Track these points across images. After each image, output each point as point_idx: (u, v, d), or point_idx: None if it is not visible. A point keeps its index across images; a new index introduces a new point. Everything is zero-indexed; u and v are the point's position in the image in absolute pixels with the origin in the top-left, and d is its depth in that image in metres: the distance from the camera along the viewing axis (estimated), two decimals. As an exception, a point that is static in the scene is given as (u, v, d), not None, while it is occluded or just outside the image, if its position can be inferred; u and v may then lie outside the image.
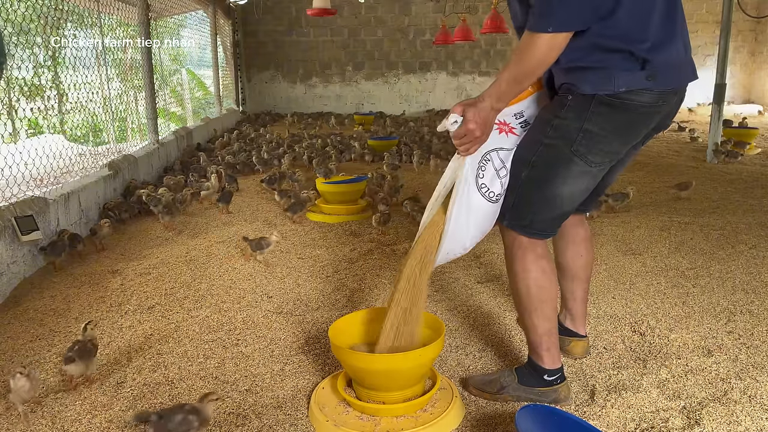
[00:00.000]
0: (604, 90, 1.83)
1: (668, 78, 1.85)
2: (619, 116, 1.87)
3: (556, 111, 1.93)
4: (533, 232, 2.01)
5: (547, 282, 2.04)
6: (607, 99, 1.84)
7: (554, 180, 1.93)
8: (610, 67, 1.82)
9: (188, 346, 2.59)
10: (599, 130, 1.88)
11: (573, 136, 1.89)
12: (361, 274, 3.44)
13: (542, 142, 1.93)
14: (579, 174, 1.93)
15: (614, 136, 1.91)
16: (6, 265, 3.26)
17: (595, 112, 1.86)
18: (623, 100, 1.84)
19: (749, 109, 12.62)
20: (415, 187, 5.74)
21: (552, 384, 2.10)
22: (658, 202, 5.03)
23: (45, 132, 6.62)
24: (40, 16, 4.63)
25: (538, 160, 1.94)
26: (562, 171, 1.92)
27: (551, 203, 1.97)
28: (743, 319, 2.75)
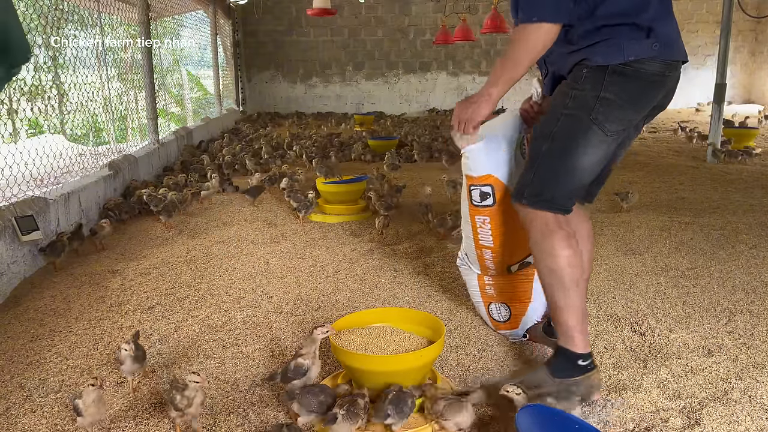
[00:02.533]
0: (615, 60, 1.98)
1: (671, 49, 2.00)
2: (631, 84, 2.00)
3: (574, 84, 2.05)
4: (556, 206, 2.05)
5: (579, 261, 2.05)
6: (620, 68, 1.98)
7: (575, 150, 2.01)
8: (619, 39, 1.97)
9: (188, 346, 2.59)
10: (615, 98, 1.99)
11: (591, 104, 1.99)
12: (361, 274, 3.44)
13: (562, 113, 2.04)
14: (597, 143, 2.01)
15: (628, 104, 2.02)
16: (6, 265, 3.26)
17: (610, 81, 1.99)
18: (635, 69, 1.98)
19: (749, 109, 12.61)
20: (416, 186, 5.74)
21: (587, 369, 2.05)
22: (658, 202, 5.03)
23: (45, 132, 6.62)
24: (41, 16, 4.63)
25: (559, 131, 2.03)
26: (581, 140, 2.01)
27: (571, 175, 2.04)
28: (743, 319, 2.75)
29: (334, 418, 1.81)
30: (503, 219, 2.40)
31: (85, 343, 2.64)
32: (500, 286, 2.59)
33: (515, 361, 2.43)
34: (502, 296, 2.59)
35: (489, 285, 2.62)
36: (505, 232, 2.42)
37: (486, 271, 2.59)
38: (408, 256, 3.75)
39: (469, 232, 2.53)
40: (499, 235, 2.43)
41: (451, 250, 3.79)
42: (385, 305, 2.99)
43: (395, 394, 1.89)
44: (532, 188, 2.06)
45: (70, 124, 5.68)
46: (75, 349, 2.59)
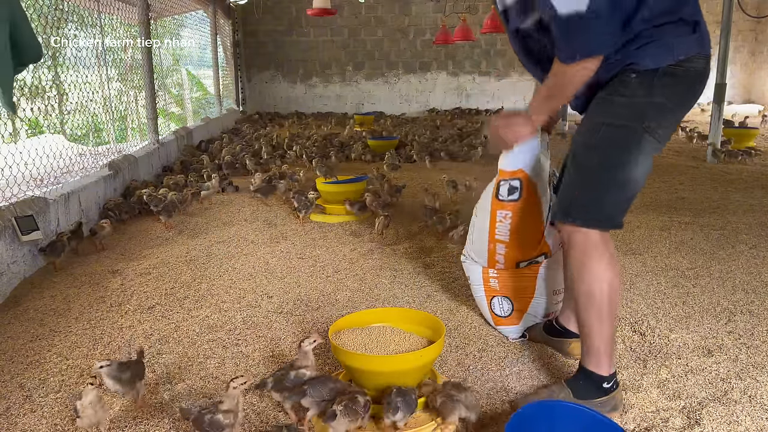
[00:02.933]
0: (666, 61, 1.85)
1: (708, 41, 1.91)
2: (681, 85, 1.89)
3: (621, 90, 1.91)
4: (608, 223, 1.94)
5: (619, 284, 1.98)
6: (670, 69, 1.86)
7: (628, 162, 1.88)
8: (667, 38, 1.85)
9: (188, 346, 2.59)
10: (667, 102, 1.88)
11: (643, 111, 1.87)
12: (361, 274, 3.44)
13: (611, 124, 1.91)
14: (649, 151, 1.90)
15: (679, 107, 1.93)
16: (6, 265, 3.26)
17: (661, 83, 1.87)
18: (685, 68, 1.87)
19: (749, 108, 12.62)
20: (416, 186, 5.75)
21: (610, 391, 2.00)
22: (658, 202, 5.03)
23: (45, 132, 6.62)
24: (41, 15, 4.63)
25: (610, 143, 1.90)
26: (635, 151, 1.88)
27: (623, 187, 1.91)
28: (743, 319, 2.75)
29: (333, 415, 1.80)
30: (523, 215, 2.44)
31: (85, 343, 2.64)
32: (504, 279, 2.60)
33: (515, 361, 2.43)
34: (505, 290, 2.60)
35: (493, 278, 2.62)
36: (522, 228, 2.46)
37: (494, 265, 2.59)
38: (408, 256, 3.75)
39: (485, 225, 2.53)
40: (516, 230, 2.47)
41: (450, 250, 3.79)
42: (385, 305, 2.99)
43: (398, 389, 1.89)
44: (581, 206, 1.94)
45: (70, 124, 5.68)
46: (75, 349, 2.59)
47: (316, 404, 1.92)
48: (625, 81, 1.90)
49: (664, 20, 1.83)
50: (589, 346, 2.02)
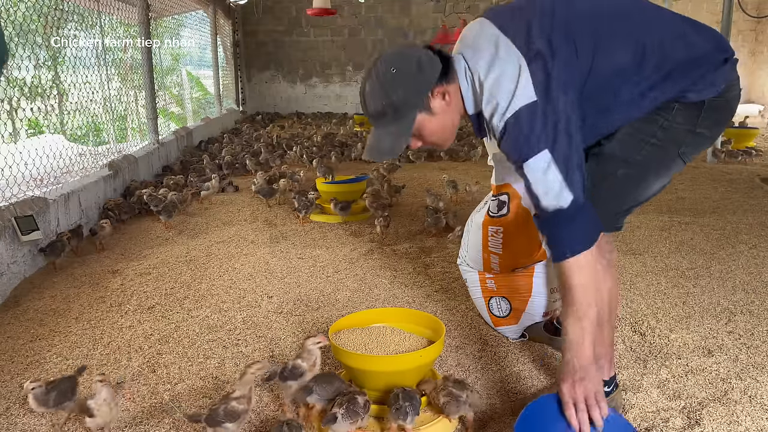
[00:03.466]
0: (710, 94, 1.80)
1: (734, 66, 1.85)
2: (722, 115, 1.87)
3: (664, 114, 1.86)
4: (614, 227, 1.96)
5: (617, 291, 1.98)
6: (716, 102, 1.82)
7: (653, 178, 1.90)
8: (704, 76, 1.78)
9: (188, 346, 2.59)
10: (707, 132, 1.86)
11: (682, 138, 1.85)
12: (361, 274, 3.44)
13: (648, 142, 1.86)
14: (674, 171, 1.92)
15: (714, 136, 1.92)
16: (6, 265, 3.26)
17: (706, 116, 1.83)
18: (726, 99, 1.83)
19: (749, 108, 12.62)
20: (416, 186, 5.75)
21: (609, 394, 2.03)
22: (658, 202, 5.03)
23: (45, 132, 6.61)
24: (41, 16, 4.63)
25: (642, 159, 1.87)
26: (663, 171, 1.89)
27: (636, 198, 1.93)
28: (743, 319, 2.75)
29: (334, 418, 1.80)
30: (514, 229, 2.44)
31: (85, 343, 2.64)
32: (501, 279, 2.60)
33: (515, 361, 2.43)
34: (503, 290, 2.60)
35: (489, 279, 2.63)
36: (514, 241, 2.46)
37: (489, 271, 2.61)
38: (408, 256, 3.75)
39: (478, 239, 2.56)
40: (509, 243, 2.47)
41: (450, 250, 3.79)
42: (385, 305, 2.99)
43: (404, 393, 1.89)
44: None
45: (70, 124, 5.67)
46: (75, 349, 2.59)
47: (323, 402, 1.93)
48: (669, 107, 1.85)
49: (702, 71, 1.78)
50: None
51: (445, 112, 1.82)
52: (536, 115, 1.64)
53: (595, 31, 1.73)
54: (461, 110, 1.86)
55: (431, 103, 1.78)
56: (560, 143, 1.65)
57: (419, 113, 1.78)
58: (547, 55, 1.65)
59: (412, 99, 1.75)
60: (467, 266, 2.71)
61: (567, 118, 1.66)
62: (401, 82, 1.72)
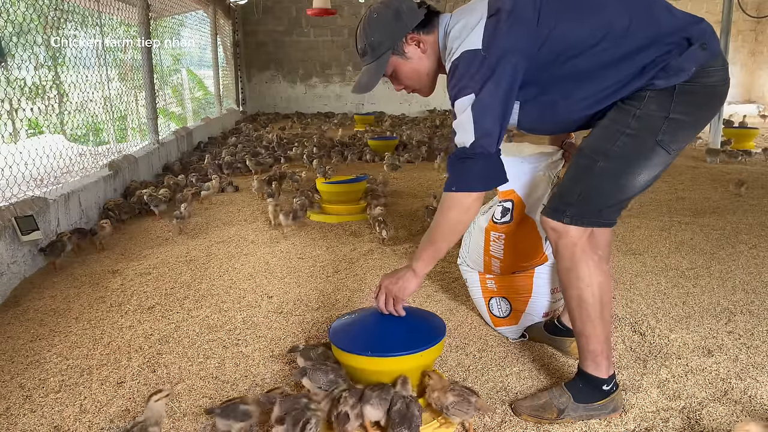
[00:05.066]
0: (680, 79, 1.83)
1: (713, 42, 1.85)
2: (700, 101, 1.88)
3: (636, 104, 1.89)
4: (602, 222, 1.97)
5: (609, 285, 1.99)
6: (687, 87, 1.84)
7: (634, 170, 1.91)
8: (670, 62, 1.82)
9: (188, 346, 2.59)
10: (684, 117, 1.87)
11: (658, 125, 1.87)
12: (361, 274, 3.44)
13: (623, 132, 1.90)
14: (658, 162, 1.92)
15: (695, 123, 1.92)
16: (6, 265, 3.26)
17: (678, 101, 1.86)
18: (702, 84, 1.84)
19: (750, 108, 12.61)
20: (416, 186, 5.75)
21: (610, 393, 2.01)
22: (658, 202, 5.03)
23: (45, 132, 6.61)
24: (41, 15, 4.63)
25: (619, 150, 1.90)
26: (643, 161, 1.91)
27: (623, 192, 1.95)
28: (743, 319, 2.75)
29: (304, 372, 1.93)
30: (516, 237, 2.45)
31: (85, 343, 2.64)
32: (501, 280, 2.60)
33: (515, 361, 2.43)
34: (503, 290, 2.60)
35: (490, 279, 2.63)
36: (516, 247, 2.46)
37: (490, 272, 2.61)
38: (408, 256, 3.75)
39: (480, 242, 2.56)
40: (510, 249, 2.47)
41: (450, 250, 3.78)
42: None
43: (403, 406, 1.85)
44: (577, 207, 1.93)
45: (70, 124, 5.67)
46: (75, 349, 2.59)
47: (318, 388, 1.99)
48: (641, 96, 1.88)
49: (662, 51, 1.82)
50: (586, 349, 2.01)
51: (420, 59, 2.05)
52: (474, 62, 1.81)
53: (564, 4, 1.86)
54: (437, 61, 2.06)
55: (405, 48, 2.03)
56: (485, 91, 1.81)
57: (393, 55, 2.03)
58: (504, 13, 1.82)
59: (387, 42, 2.00)
60: (467, 266, 2.71)
61: (502, 71, 1.80)
62: (378, 27, 2.00)
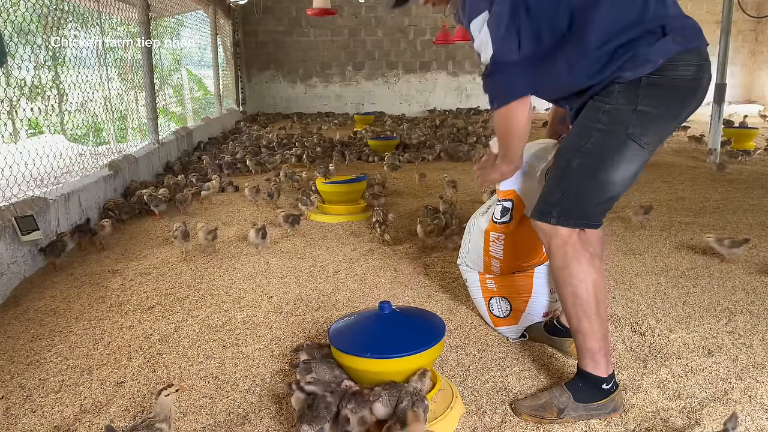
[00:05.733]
0: (646, 70, 1.86)
1: (688, 36, 1.88)
2: (669, 94, 1.90)
3: (606, 99, 1.93)
4: (587, 223, 1.99)
5: (602, 282, 2.00)
6: (654, 79, 1.87)
7: (610, 166, 1.93)
8: (638, 51, 1.85)
9: (188, 346, 2.59)
10: (652, 110, 1.89)
11: (627, 119, 1.90)
12: (361, 274, 3.44)
13: (594, 128, 1.94)
14: (632, 157, 1.93)
15: (667, 115, 1.93)
16: (6, 265, 3.26)
17: (646, 93, 1.88)
18: (669, 77, 1.87)
19: (750, 108, 12.61)
20: (416, 186, 5.75)
21: (610, 392, 2.00)
22: (658, 202, 5.02)
23: (45, 132, 6.61)
24: (41, 16, 4.63)
25: (592, 147, 1.94)
26: (617, 156, 1.92)
27: (604, 189, 1.96)
28: (743, 319, 2.75)
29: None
30: (516, 237, 2.45)
31: (85, 343, 2.64)
32: (500, 280, 2.60)
33: (515, 361, 2.43)
34: (503, 290, 2.61)
35: (490, 279, 2.63)
36: (515, 247, 2.46)
37: (490, 272, 2.61)
38: (408, 256, 3.75)
39: (480, 242, 2.56)
40: (510, 249, 2.47)
41: (450, 250, 3.78)
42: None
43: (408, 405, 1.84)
44: (561, 207, 1.97)
45: (70, 124, 5.67)
46: (75, 349, 2.59)
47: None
48: (611, 90, 1.92)
49: (629, 36, 1.85)
50: (583, 347, 2.02)
51: None
52: None
53: None
54: None
55: None
56: (496, 5, 1.88)
57: None
58: None
59: None
60: (467, 266, 2.71)
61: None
62: None
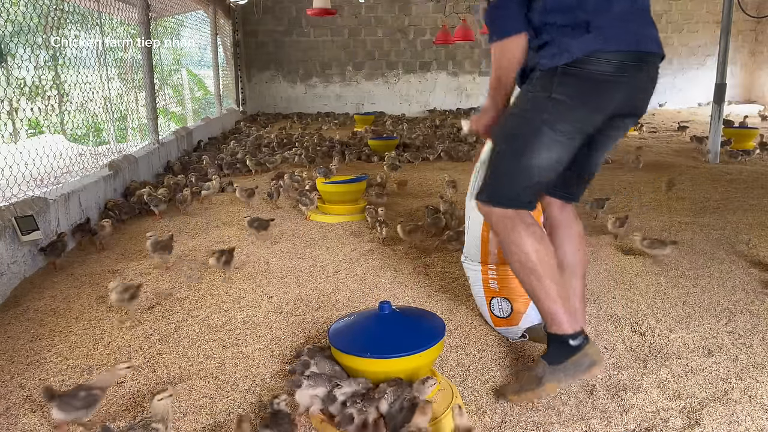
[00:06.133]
0: (562, 60, 1.98)
1: (619, 39, 1.96)
2: (583, 85, 2.00)
3: (528, 86, 2.10)
4: (516, 203, 2.09)
5: (545, 247, 2.08)
6: (570, 69, 1.98)
7: (528, 150, 2.04)
8: (561, 39, 1.98)
9: (188, 346, 2.59)
10: (567, 99, 2.00)
11: (543, 105, 2.02)
12: (361, 274, 3.44)
13: (515, 114, 2.11)
14: (550, 143, 2.03)
15: (581, 106, 2.02)
16: (6, 265, 3.26)
17: (560, 82, 2.00)
18: (587, 70, 1.97)
19: (750, 108, 12.61)
20: (416, 186, 5.75)
21: (579, 348, 2.05)
22: (658, 202, 5.03)
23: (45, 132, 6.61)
24: (41, 16, 4.63)
25: (512, 132, 2.09)
26: (534, 141, 2.03)
27: (527, 173, 2.07)
28: (743, 319, 2.75)
29: None
30: None
31: (85, 343, 2.64)
32: (503, 280, 2.60)
33: (515, 361, 2.43)
34: (504, 291, 2.61)
35: (492, 279, 2.64)
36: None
37: (487, 257, 2.62)
38: (408, 256, 3.75)
39: (477, 233, 2.60)
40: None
41: (450, 250, 3.79)
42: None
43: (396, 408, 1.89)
44: (491, 187, 2.12)
45: (70, 124, 5.67)
46: (75, 349, 2.59)
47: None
48: (532, 78, 2.07)
49: (559, 21, 1.98)
50: (543, 311, 2.12)
51: None
52: None
53: None
54: None
55: None
56: None
57: None
58: None
59: None
60: (470, 262, 2.71)
61: None
62: None
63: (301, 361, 2.14)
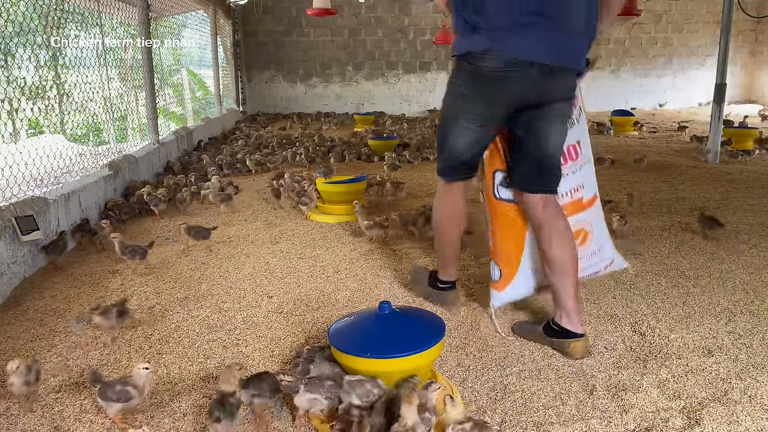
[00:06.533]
0: (457, 52, 2.24)
1: (507, 45, 2.11)
2: (477, 80, 2.23)
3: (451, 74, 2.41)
4: (442, 174, 2.61)
5: (456, 215, 2.66)
6: (466, 65, 2.23)
7: (447, 132, 2.45)
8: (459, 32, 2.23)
9: (188, 346, 2.59)
10: (467, 91, 2.30)
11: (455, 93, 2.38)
12: (361, 274, 3.44)
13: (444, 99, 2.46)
14: (463, 128, 2.38)
15: (478, 99, 2.27)
16: (6, 265, 3.26)
17: (458, 75, 2.31)
18: (476, 66, 2.19)
19: (750, 108, 12.61)
20: (416, 186, 5.74)
21: (443, 290, 2.86)
22: (658, 202, 5.02)
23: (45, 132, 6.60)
24: (41, 15, 4.63)
25: (442, 114, 2.50)
26: (452, 125, 2.41)
27: (448, 152, 2.50)
28: (743, 319, 2.75)
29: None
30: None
31: (85, 343, 2.64)
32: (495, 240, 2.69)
33: (515, 361, 2.43)
34: (495, 255, 2.70)
35: (489, 239, 2.75)
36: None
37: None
38: (408, 256, 3.75)
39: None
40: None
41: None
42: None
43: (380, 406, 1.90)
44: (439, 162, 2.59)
45: (71, 124, 5.67)
46: (75, 349, 2.59)
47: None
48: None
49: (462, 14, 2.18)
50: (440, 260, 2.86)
51: None
52: None
53: None
54: None
55: None
56: None
57: None
58: None
59: None
60: None
61: None
62: None
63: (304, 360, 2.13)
